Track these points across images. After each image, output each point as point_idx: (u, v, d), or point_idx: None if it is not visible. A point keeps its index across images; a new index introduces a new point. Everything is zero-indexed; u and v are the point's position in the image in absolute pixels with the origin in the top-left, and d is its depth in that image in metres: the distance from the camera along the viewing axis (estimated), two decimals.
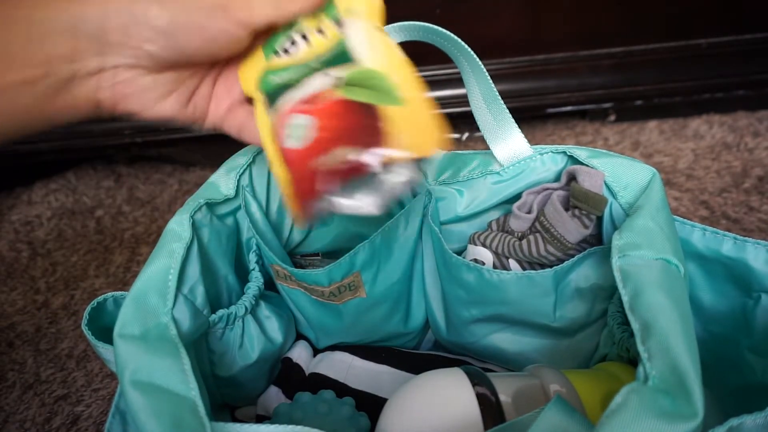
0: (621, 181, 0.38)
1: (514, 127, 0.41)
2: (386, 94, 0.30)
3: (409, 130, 0.30)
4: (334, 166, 0.30)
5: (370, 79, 0.31)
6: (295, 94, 0.32)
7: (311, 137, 0.31)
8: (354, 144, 0.30)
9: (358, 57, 0.31)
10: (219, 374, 0.40)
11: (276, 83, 0.33)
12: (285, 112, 0.32)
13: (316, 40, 0.33)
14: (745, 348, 0.36)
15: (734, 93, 0.83)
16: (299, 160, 0.31)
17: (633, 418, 0.24)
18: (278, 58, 0.33)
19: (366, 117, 0.30)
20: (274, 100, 0.33)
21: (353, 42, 0.32)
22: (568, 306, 0.40)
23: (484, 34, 0.78)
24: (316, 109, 0.31)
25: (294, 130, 0.31)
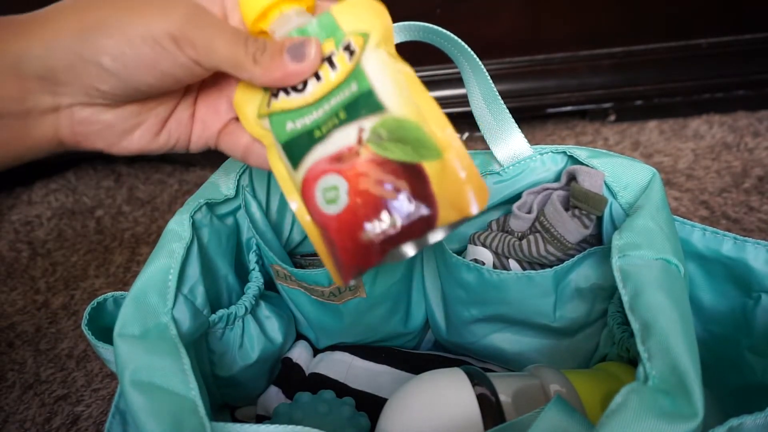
0: (621, 181, 0.38)
1: (514, 127, 0.41)
2: (423, 147, 0.27)
3: (452, 185, 0.27)
4: (380, 239, 0.27)
5: (402, 130, 0.28)
6: (321, 151, 0.29)
7: (349, 201, 0.28)
8: (399, 214, 0.27)
9: (384, 101, 0.28)
10: (219, 374, 0.40)
11: (293, 131, 0.30)
12: (316, 174, 0.29)
13: (327, 74, 0.29)
14: (745, 348, 0.36)
15: (734, 93, 0.83)
16: (339, 227, 0.28)
17: (633, 418, 0.24)
18: (285, 96, 0.30)
19: (408, 177, 0.27)
20: (294, 152, 0.30)
21: (374, 81, 0.29)
22: (568, 306, 0.40)
23: (484, 34, 0.78)
24: (350, 171, 0.28)
25: (328, 194, 0.28)
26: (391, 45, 0.30)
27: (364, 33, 0.29)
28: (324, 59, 0.29)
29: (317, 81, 0.29)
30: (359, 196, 0.28)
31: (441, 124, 0.28)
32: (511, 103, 0.41)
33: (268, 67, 0.28)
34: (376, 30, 0.29)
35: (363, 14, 0.30)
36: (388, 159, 0.28)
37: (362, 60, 0.29)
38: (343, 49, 0.29)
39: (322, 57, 0.29)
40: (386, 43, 0.29)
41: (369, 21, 0.29)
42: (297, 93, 0.30)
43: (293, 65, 0.29)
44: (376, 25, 0.29)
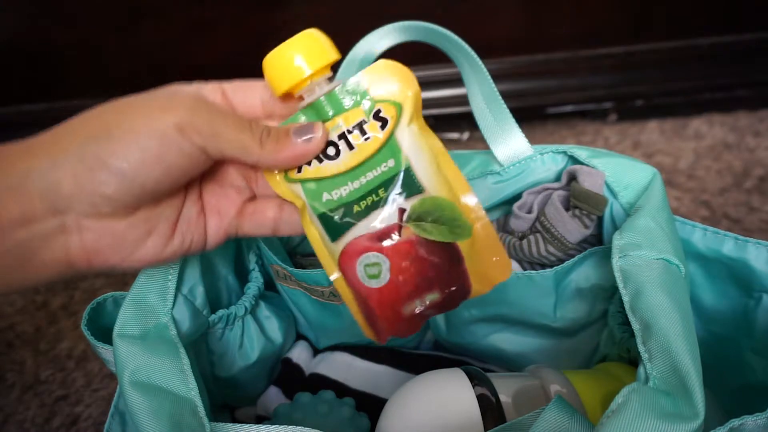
0: (622, 180, 0.37)
1: (515, 127, 0.40)
2: (457, 227, 0.30)
3: (481, 259, 0.30)
4: (419, 311, 0.30)
5: (439, 210, 0.30)
6: (362, 227, 0.30)
7: (391, 278, 0.30)
8: (438, 290, 0.30)
9: (422, 182, 0.30)
10: (219, 374, 0.40)
11: (329, 202, 0.31)
12: (357, 250, 0.30)
13: (359, 143, 0.30)
14: (746, 348, 0.36)
15: (735, 93, 0.83)
16: (381, 300, 0.30)
17: (634, 419, 0.24)
18: (318, 163, 0.30)
19: (445, 256, 0.30)
20: (332, 225, 0.31)
21: (412, 159, 0.30)
22: (569, 306, 0.40)
23: (484, 34, 0.78)
24: (392, 250, 0.30)
25: (370, 269, 0.30)
26: (420, 116, 0.30)
27: (396, 103, 0.30)
28: (354, 127, 0.30)
29: (349, 150, 0.30)
30: (401, 274, 0.30)
31: (469, 198, 0.30)
32: (512, 102, 0.41)
33: (275, 148, 0.29)
34: (408, 102, 0.30)
35: (393, 81, 0.30)
36: (428, 239, 0.30)
37: (396, 134, 0.30)
38: (373, 117, 0.30)
39: (354, 124, 0.30)
40: (417, 115, 0.30)
41: (400, 90, 0.30)
42: (329, 161, 0.30)
43: (301, 145, 0.29)
44: (408, 96, 0.30)
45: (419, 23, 0.37)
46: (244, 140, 0.28)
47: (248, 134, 0.28)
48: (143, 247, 0.29)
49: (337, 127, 0.30)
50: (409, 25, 0.37)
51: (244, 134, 0.28)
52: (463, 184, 0.30)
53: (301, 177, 0.31)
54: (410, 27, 0.37)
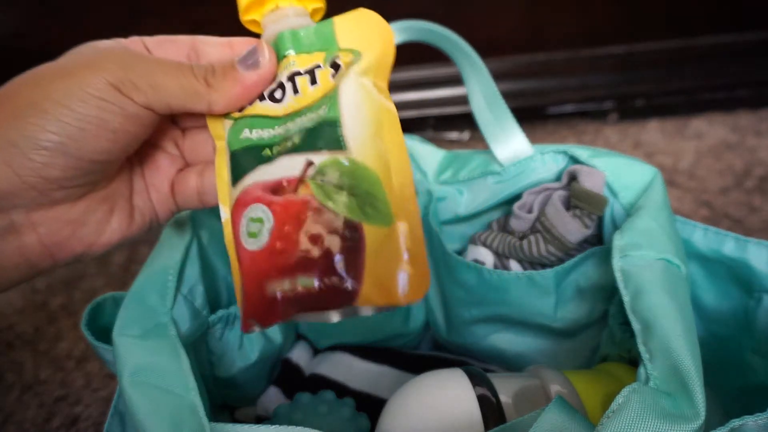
0: (622, 180, 0.37)
1: (515, 127, 0.40)
2: (371, 207, 0.23)
3: (388, 262, 0.22)
4: (283, 296, 0.23)
5: (355, 179, 0.23)
6: (263, 173, 0.25)
7: (268, 242, 0.24)
8: (317, 276, 0.23)
9: (347, 138, 0.24)
10: (218, 375, 0.40)
11: (246, 141, 0.26)
12: (248, 199, 0.25)
13: (305, 88, 0.26)
14: (746, 349, 0.36)
15: (736, 92, 0.83)
16: (250, 267, 0.24)
17: (634, 419, 0.24)
18: (259, 102, 0.26)
19: (341, 237, 0.23)
20: (238, 167, 0.26)
21: (345, 112, 0.24)
22: (569, 306, 0.40)
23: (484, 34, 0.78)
24: (280, 208, 0.24)
25: (252, 226, 0.24)
26: (383, 75, 0.26)
27: (355, 51, 0.25)
28: (306, 72, 0.26)
29: (294, 94, 0.26)
30: (280, 241, 0.24)
31: (406, 187, 0.24)
32: (512, 102, 0.41)
33: (224, 86, 0.25)
34: (371, 52, 0.25)
35: (364, 32, 0.26)
36: (326, 207, 0.23)
37: (342, 82, 0.25)
38: (330, 64, 0.26)
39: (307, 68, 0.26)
40: (378, 71, 0.25)
41: (368, 41, 0.26)
42: (274, 102, 0.26)
43: (250, 75, 0.26)
44: (374, 48, 0.25)
45: (419, 23, 0.37)
46: (190, 85, 0.25)
47: (191, 78, 0.25)
48: (108, 228, 0.27)
49: (288, 66, 0.26)
50: (409, 25, 0.37)
51: (188, 79, 0.25)
52: (405, 172, 0.24)
53: (241, 115, 0.27)
54: (410, 27, 0.37)
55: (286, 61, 0.26)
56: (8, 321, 0.65)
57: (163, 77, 0.24)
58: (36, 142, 0.23)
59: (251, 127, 0.26)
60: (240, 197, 0.26)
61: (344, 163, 0.24)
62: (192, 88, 0.25)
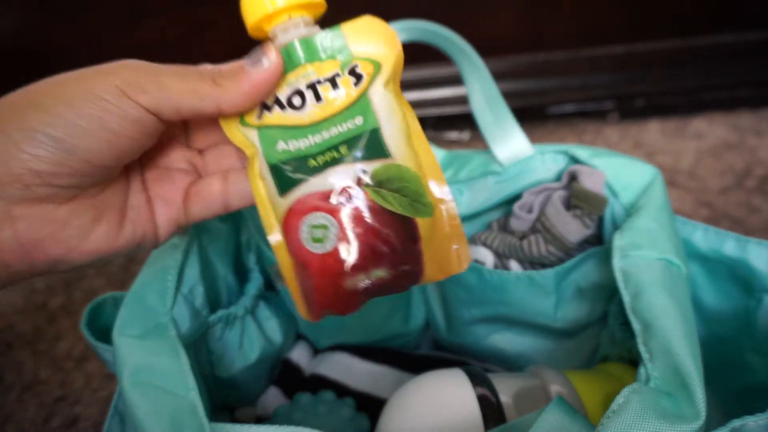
0: (622, 180, 0.37)
1: (515, 127, 0.40)
2: (419, 203, 0.27)
3: (440, 244, 0.27)
4: (363, 287, 0.27)
5: (403, 181, 0.27)
6: (315, 184, 0.27)
7: (337, 245, 0.27)
8: (388, 267, 0.27)
9: (390, 146, 0.27)
10: (218, 375, 0.40)
11: (285, 153, 0.27)
12: (305, 208, 0.27)
13: (327, 95, 0.27)
14: (747, 349, 0.36)
15: (736, 92, 0.83)
16: (322, 268, 0.27)
17: (634, 419, 0.24)
18: (280, 110, 0.27)
19: (401, 232, 0.27)
20: (283, 177, 0.27)
21: (382, 121, 0.27)
22: (569, 306, 0.40)
23: (484, 33, 0.78)
24: (344, 214, 0.27)
25: (316, 232, 0.27)
26: (398, 82, 0.28)
27: (375, 62, 0.27)
28: (326, 80, 0.27)
29: (317, 101, 0.27)
30: (349, 242, 0.27)
31: (437, 178, 0.27)
32: (512, 102, 0.41)
33: (232, 85, 0.26)
34: (388, 63, 0.27)
35: (376, 40, 0.27)
36: (385, 208, 0.27)
37: (370, 92, 0.27)
38: (348, 72, 0.27)
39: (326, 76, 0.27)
40: (395, 79, 0.28)
41: (381, 50, 0.27)
42: (294, 110, 0.27)
43: (257, 72, 0.26)
44: (389, 57, 0.27)
45: (419, 23, 0.37)
46: (197, 86, 0.25)
47: (198, 79, 0.25)
48: (92, 235, 0.26)
49: (307, 75, 0.27)
50: (409, 25, 0.37)
51: (194, 80, 0.25)
52: (434, 166, 0.28)
53: (260, 124, 0.28)
54: (410, 27, 0.37)
55: (303, 69, 0.27)
56: (8, 321, 0.65)
57: (169, 79, 0.25)
58: (30, 133, 0.23)
59: (285, 139, 0.27)
60: (294, 207, 0.27)
61: (391, 168, 0.27)
62: (200, 89, 0.25)
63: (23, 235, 0.24)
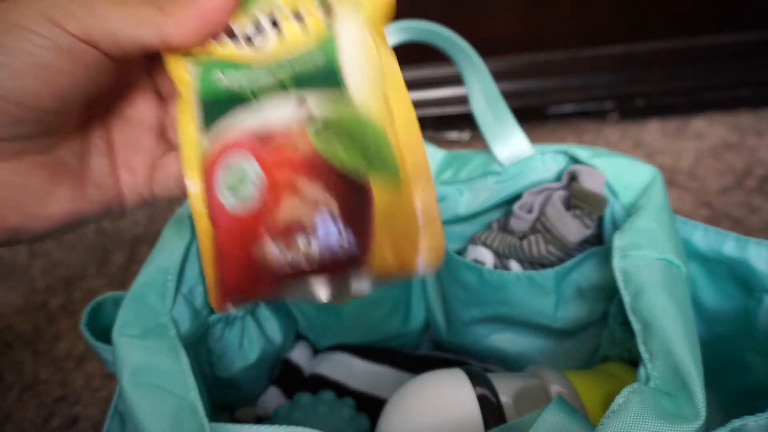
0: (622, 180, 0.37)
1: (515, 127, 0.40)
2: (378, 160, 0.20)
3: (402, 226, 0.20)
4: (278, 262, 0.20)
5: (359, 126, 0.20)
6: (245, 118, 0.21)
7: (258, 202, 0.21)
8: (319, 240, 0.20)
9: (347, 81, 0.21)
10: (218, 375, 0.40)
11: (222, 87, 0.22)
12: (227, 146, 0.21)
13: (291, 29, 0.22)
14: (747, 349, 0.36)
15: (736, 92, 0.83)
16: (232, 230, 0.21)
17: (634, 419, 0.24)
18: (234, 43, 0.23)
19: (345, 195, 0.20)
20: (213, 113, 0.22)
21: (345, 59, 0.21)
22: (569, 306, 0.40)
23: (484, 33, 0.78)
24: (272, 160, 0.21)
25: (235, 180, 0.21)
26: (381, 27, 0.22)
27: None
28: (293, 13, 0.23)
29: (275, 34, 0.23)
30: (273, 199, 0.20)
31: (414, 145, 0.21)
32: (512, 102, 0.41)
33: (179, 11, 0.22)
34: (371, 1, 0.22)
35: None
36: (328, 161, 0.20)
37: (337, 28, 0.22)
38: (321, 7, 0.22)
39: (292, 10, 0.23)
40: (377, 22, 0.22)
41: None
42: (247, 42, 0.23)
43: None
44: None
45: (419, 23, 0.37)
46: (138, 12, 0.21)
47: (140, 4, 0.22)
48: (53, 199, 0.23)
49: (272, 5, 0.23)
50: (409, 25, 0.37)
51: (135, 6, 0.22)
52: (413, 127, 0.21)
53: (207, 57, 0.23)
54: (410, 27, 0.37)
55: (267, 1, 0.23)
56: (8, 321, 0.65)
57: (105, 3, 0.21)
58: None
59: (226, 71, 0.22)
60: (215, 147, 0.22)
61: (344, 109, 0.21)
62: (141, 15, 0.21)
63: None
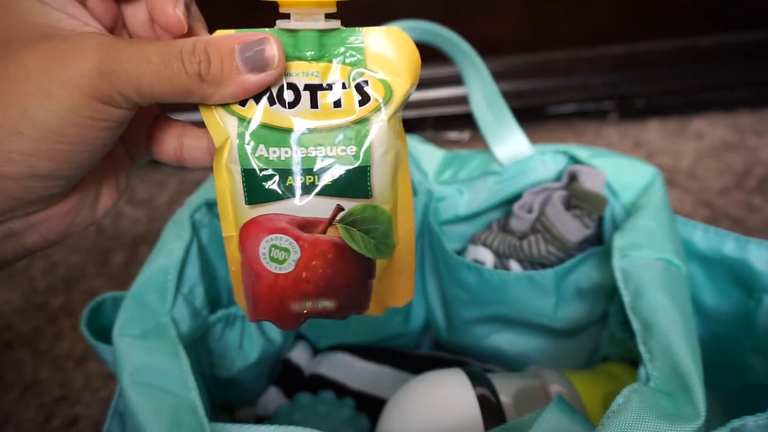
0: (622, 180, 0.37)
1: (515, 127, 0.40)
2: (384, 245, 0.27)
3: (388, 281, 0.28)
4: (306, 312, 0.27)
5: (375, 222, 0.26)
6: (289, 206, 0.25)
7: (294, 271, 0.26)
8: (336, 300, 0.27)
9: (373, 188, 0.25)
10: (218, 375, 0.40)
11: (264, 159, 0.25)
12: (271, 228, 0.25)
13: (326, 107, 0.25)
14: (747, 349, 0.36)
15: (736, 92, 0.83)
16: (274, 286, 0.26)
17: (634, 419, 0.24)
18: (267, 104, 0.24)
19: (360, 272, 0.27)
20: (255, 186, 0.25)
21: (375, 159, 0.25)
22: (569, 306, 0.40)
23: (484, 33, 0.78)
24: (308, 245, 0.26)
25: (275, 252, 0.26)
26: (400, 115, 0.26)
27: (387, 86, 0.25)
28: (328, 86, 0.24)
29: (311, 107, 0.25)
30: (308, 272, 0.26)
31: (407, 218, 0.27)
32: (512, 102, 0.41)
33: (220, 84, 0.22)
34: (401, 91, 0.25)
35: (396, 60, 0.25)
36: (350, 248, 0.26)
37: (372, 122, 0.25)
38: (355, 87, 0.25)
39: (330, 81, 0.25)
40: (399, 111, 0.25)
41: (399, 73, 0.25)
42: (282, 107, 0.24)
43: (252, 77, 0.23)
44: (403, 86, 0.25)
45: (419, 23, 0.37)
46: (181, 83, 0.22)
47: (183, 75, 0.22)
48: (100, 204, 0.26)
49: (309, 75, 0.24)
50: (409, 25, 0.37)
51: (179, 75, 0.22)
52: (408, 204, 0.27)
53: (241, 112, 0.24)
54: (411, 27, 0.37)
55: (306, 66, 0.24)
56: (8, 321, 0.65)
57: (147, 70, 0.21)
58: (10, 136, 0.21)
59: (268, 144, 0.25)
60: (260, 220, 0.26)
61: (368, 209, 0.26)
62: (182, 86, 0.22)
63: (47, 234, 0.24)
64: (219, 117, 0.24)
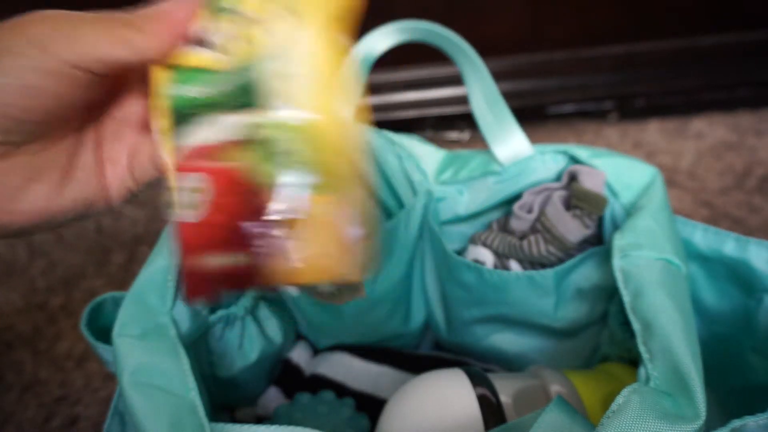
0: (622, 180, 0.37)
1: (515, 127, 0.40)
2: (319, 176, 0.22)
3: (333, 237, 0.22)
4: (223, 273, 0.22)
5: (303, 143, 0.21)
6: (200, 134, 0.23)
7: (203, 213, 0.22)
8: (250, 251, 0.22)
9: (297, 95, 0.22)
10: (218, 375, 0.40)
11: (188, 98, 0.23)
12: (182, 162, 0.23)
13: (257, 35, 0.23)
14: (747, 349, 0.36)
15: (736, 92, 0.83)
16: (188, 238, 0.23)
17: (634, 419, 0.24)
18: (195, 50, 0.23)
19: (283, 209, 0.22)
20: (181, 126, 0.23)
21: (298, 64, 0.22)
22: (569, 306, 0.40)
23: (484, 33, 0.78)
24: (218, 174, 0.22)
25: (185, 195, 0.23)
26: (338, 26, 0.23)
27: None
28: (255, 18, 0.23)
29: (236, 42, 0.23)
30: (220, 213, 0.22)
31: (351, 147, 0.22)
32: (512, 102, 0.41)
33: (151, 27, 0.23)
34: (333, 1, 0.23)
35: None
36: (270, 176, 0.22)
37: (298, 32, 0.22)
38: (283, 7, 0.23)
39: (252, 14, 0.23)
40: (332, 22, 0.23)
41: None
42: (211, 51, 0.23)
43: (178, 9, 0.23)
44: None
45: (419, 23, 0.37)
46: (119, 34, 0.23)
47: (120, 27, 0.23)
48: (27, 195, 0.25)
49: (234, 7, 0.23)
50: (409, 25, 0.37)
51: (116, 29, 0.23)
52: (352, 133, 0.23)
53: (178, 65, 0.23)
54: (410, 27, 0.37)
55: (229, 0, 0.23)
56: (8, 321, 0.65)
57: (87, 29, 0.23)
58: None
59: (192, 81, 0.23)
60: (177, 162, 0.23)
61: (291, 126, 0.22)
62: (116, 34, 0.23)
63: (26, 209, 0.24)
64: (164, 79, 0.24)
